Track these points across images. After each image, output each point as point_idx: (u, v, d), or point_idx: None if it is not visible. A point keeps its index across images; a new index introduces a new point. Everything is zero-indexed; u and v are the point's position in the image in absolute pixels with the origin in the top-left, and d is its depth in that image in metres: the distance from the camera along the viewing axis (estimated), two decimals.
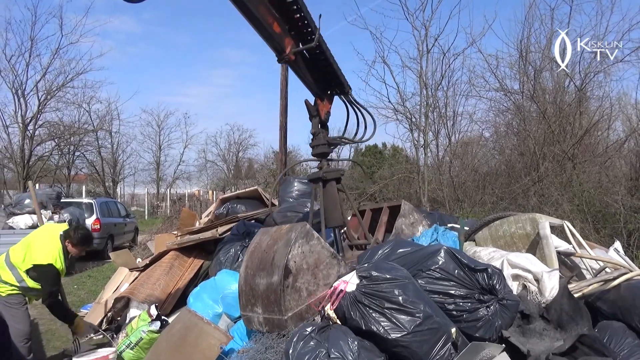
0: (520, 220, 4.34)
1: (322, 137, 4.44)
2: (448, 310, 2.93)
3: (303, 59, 4.19)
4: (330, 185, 4.45)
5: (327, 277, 3.55)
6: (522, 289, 3.36)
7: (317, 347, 2.50)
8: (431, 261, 3.06)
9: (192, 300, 4.64)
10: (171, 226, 13.76)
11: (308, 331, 2.62)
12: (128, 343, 4.48)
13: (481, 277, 2.97)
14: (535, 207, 10.43)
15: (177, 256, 6.04)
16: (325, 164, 4.51)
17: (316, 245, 3.52)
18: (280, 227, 3.79)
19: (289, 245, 3.40)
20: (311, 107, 4.45)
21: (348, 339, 2.55)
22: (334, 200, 4.46)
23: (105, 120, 26.45)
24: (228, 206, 7.15)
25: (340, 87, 4.56)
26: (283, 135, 12.08)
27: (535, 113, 12.91)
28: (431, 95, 13.95)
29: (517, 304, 2.99)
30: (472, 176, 14.04)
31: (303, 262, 3.43)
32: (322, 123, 4.48)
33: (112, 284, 6.66)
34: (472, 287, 2.97)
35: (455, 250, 3.15)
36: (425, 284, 2.98)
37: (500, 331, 2.87)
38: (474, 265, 3.01)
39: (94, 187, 27.97)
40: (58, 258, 4.21)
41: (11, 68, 18.30)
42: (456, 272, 2.99)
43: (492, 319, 2.89)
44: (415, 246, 3.53)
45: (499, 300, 2.92)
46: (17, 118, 18.59)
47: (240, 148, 38.26)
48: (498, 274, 3.00)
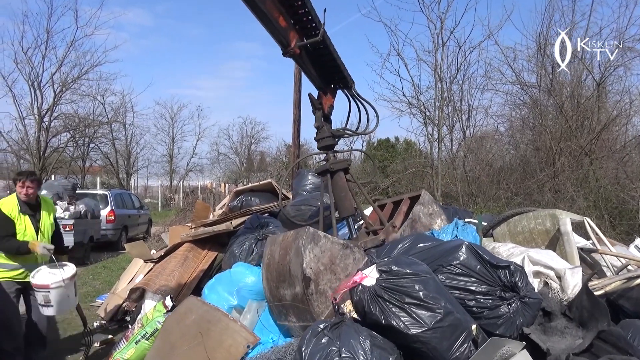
0: (539, 216, 4.27)
1: (326, 130, 4.48)
2: (468, 306, 2.88)
3: (307, 53, 4.20)
4: (338, 176, 4.47)
5: (346, 268, 3.60)
6: (544, 286, 3.31)
7: (329, 344, 2.48)
8: (452, 256, 3.02)
9: (207, 292, 4.64)
10: (184, 218, 13.85)
11: (321, 327, 2.60)
12: (144, 333, 4.50)
13: (503, 274, 2.91)
14: (550, 202, 10.32)
15: (192, 248, 6.07)
16: (332, 155, 4.53)
17: (325, 243, 3.54)
18: (286, 235, 3.82)
19: (300, 254, 3.43)
20: (315, 101, 4.49)
21: (360, 337, 2.52)
22: (344, 190, 4.48)
23: (119, 112, 26.67)
24: (242, 199, 7.15)
25: (343, 82, 4.59)
26: (296, 129, 12.06)
27: (552, 107, 12.72)
28: (446, 88, 13.82)
29: (539, 302, 2.94)
30: (486, 171, 13.90)
31: (319, 265, 3.46)
32: (325, 116, 4.52)
33: (127, 275, 6.71)
34: (494, 284, 2.92)
35: (477, 246, 3.09)
36: (445, 279, 2.93)
37: (521, 329, 2.82)
38: (495, 261, 2.95)
39: (108, 178, 28.26)
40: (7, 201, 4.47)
41: (27, 60, 18.46)
42: (477, 268, 2.94)
43: (513, 316, 2.84)
44: (435, 241, 3.49)
45: (521, 298, 2.86)
46: (33, 110, 18.78)
47: (252, 141, 38.32)
48: (520, 271, 2.94)
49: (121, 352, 4.54)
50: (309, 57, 4.23)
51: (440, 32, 13.35)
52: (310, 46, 4.07)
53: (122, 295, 6.06)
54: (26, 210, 4.50)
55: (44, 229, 4.60)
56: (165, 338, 3.86)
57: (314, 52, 4.23)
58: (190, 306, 4.00)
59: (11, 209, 4.43)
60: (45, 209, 4.69)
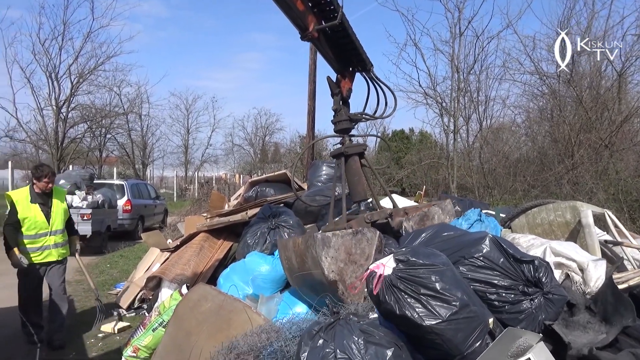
0: (559, 208, 4.20)
1: (344, 114, 4.44)
2: (490, 300, 2.83)
3: (325, 37, 4.17)
4: (353, 160, 4.44)
5: (363, 252, 3.63)
6: (565, 278, 3.25)
7: (324, 346, 2.45)
8: (475, 249, 2.97)
9: (222, 282, 4.68)
10: (200, 208, 13.95)
11: (316, 330, 2.57)
12: (161, 321, 4.55)
13: (527, 268, 2.86)
14: (568, 195, 10.17)
15: (207, 238, 6.11)
16: (347, 139, 4.50)
17: (336, 241, 3.55)
18: (295, 242, 3.85)
19: (318, 263, 3.46)
20: (333, 84, 4.46)
21: (353, 336, 2.48)
22: (357, 175, 4.45)
23: (135, 103, 26.93)
24: (257, 189, 7.16)
25: (362, 64, 4.54)
26: (311, 120, 12.03)
27: (572, 98, 12.49)
28: (463, 79, 13.66)
29: (564, 299, 2.86)
30: (502, 163, 13.74)
31: (338, 264, 3.49)
32: (343, 100, 4.48)
33: (143, 264, 6.79)
34: (517, 279, 2.86)
35: (501, 239, 3.03)
36: (467, 271, 2.89)
37: (543, 325, 2.77)
38: (520, 255, 2.90)
39: (124, 169, 28.57)
40: (16, 193, 4.97)
41: (45, 52, 18.66)
42: (501, 261, 2.88)
43: (535, 312, 2.79)
44: (458, 231, 3.45)
45: (545, 293, 2.81)
46: (51, 101, 19.02)
47: (266, 132, 38.43)
48: (545, 266, 2.88)
49: (139, 339, 4.60)
50: (327, 40, 4.20)
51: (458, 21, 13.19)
52: (328, 29, 4.03)
53: (139, 283, 6.13)
54: (36, 199, 4.91)
55: (55, 216, 5.01)
56: (179, 325, 3.89)
57: (332, 36, 4.19)
58: (203, 294, 4.02)
59: (21, 198, 4.88)
60: (57, 197, 5.11)
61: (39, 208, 4.91)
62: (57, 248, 5.07)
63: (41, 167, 5.02)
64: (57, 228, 5.05)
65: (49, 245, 5.00)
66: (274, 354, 2.85)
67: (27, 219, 4.85)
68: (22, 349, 5.02)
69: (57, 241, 5.05)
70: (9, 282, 7.85)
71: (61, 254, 5.13)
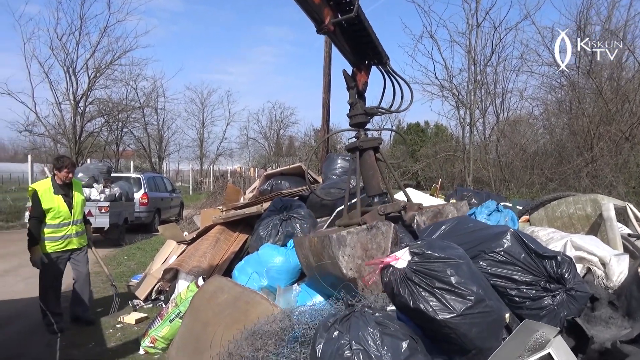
0: (580, 201, 4.11)
1: (360, 107, 4.39)
2: (510, 295, 2.78)
3: (341, 30, 4.12)
4: (368, 155, 4.40)
5: (379, 246, 3.65)
6: (586, 272, 3.19)
7: (339, 338, 2.44)
8: (496, 243, 2.92)
9: (237, 274, 4.71)
10: (215, 201, 14.05)
11: (331, 322, 2.56)
12: (177, 312, 4.60)
13: (549, 264, 2.80)
14: (587, 188, 10.01)
15: (223, 230, 6.15)
16: (363, 133, 4.46)
17: (352, 238, 3.56)
18: (311, 241, 3.86)
19: (336, 263, 3.48)
20: (348, 78, 4.41)
21: (368, 328, 2.47)
22: (372, 169, 4.42)
23: (151, 97, 27.18)
24: (272, 182, 7.18)
25: (378, 57, 4.48)
26: (326, 113, 12.00)
27: (591, 90, 12.25)
28: (480, 71, 13.49)
29: (587, 296, 2.79)
30: (519, 156, 13.57)
31: (356, 261, 3.51)
32: (359, 93, 4.44)
33: (160, 256, 6.86)
34: (538, 274, 2.80)
35: (523, 234, 2.96)
36: (487, 266, 2.84)
37: (565, 322, 2.72)
38: (542, 251, 2.84)
39: (140, 162, 28.85)
40: (42, 183, 5.21)
41: (62, 46, 18.88)
42: (522, 256, 2.83)
43: (557, 309, 2.73)
44: (479, 224, 3.39)
45: (567, 290, 2.75)
46: (68, 95, 19.27)
47: (281, 125, 38.46)
48: (568, 262, 2.81)
49: (156, 330, 4.66)
50: (343, 33, 4.16)
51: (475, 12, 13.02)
52: (344, 22, 3.99)
53: (156, 275, 6.20)
54: (59, 191, 5.19)
55: (76, 206, 5.32)
56: (195, 316, 3.93)
57: (348, 28, 4.15)
58: (219, 285, 4.05)
59: (45, 190, 5.12)
60: (76, 189, 5.42)
61: (62, 199, 5.17)
62: (78, 237, 5.37)
63: (62, 158, 5.30)
64: (77, 217, 5.34)
65: (71, 234, 5.28)
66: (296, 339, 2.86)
67: (52, 209, 5.10)
68: (42, 338, 5.12)
69: (77, 230, 5.35)
70: (26, 275, 8.03)
71: (81, 242, 5.42)
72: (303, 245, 4.02)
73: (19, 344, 4.98)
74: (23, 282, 7.54)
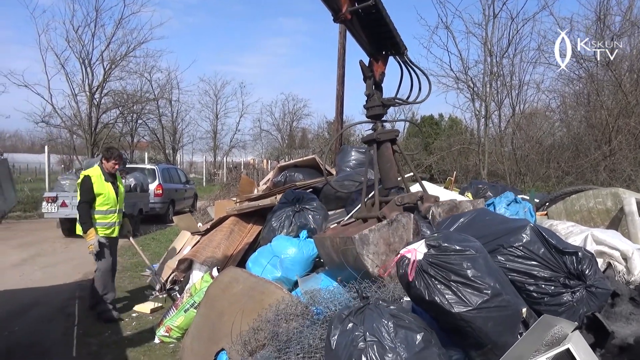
0: (600, 195, 4.03)
1: (377, 99, 4.34)
2: (528, 291, 2.74)
3: (359, 19, 4.06)
4: (385, 147, 4.36)
5: (402, 239, 3.66)
6: (607, 267, 3.13)
7: (354, 330, 2.43)
8: (514, 237, 2.87)
9: (251, 265, 4.73)
10: (228, 193, 14.12)
11: (345, 314, 2.56)
12: (192, 302, 4.64)
13: (569, 260, 2.74)
14: (605, 182, 9.86)
15: (237, 222, 6.17)
16: (380, 125, 4.41)
17: (374, 236, 3.56)
18: (333, 241, 3.87)
19: (361, 262, 3.50)
20: (365, 68, 4.35)
21: (383, 320, 2.45)
22: (389, 162, 4.39)
23: (165, 89, 27.24)
24: (286, 174, 7.18)
25: (395, 47, 4.40)
26: (339, 105, 11.96)
27: (610, 82, 12.02)
28: (496, 63, 13.30)
29: (608, 293, 2.73)
30: (535, 149, 13.39)
31: (380, 257, 3.54)
32: (376, 84, 4.37)
33: (175, 247, 6.91)
34: (558, 270, 2.74)
35: (543, 229, 2.90)
36: (505, 261, 2.80)
37: (584, 319, 2.67)
38: (562, 246, 2.78)
39: (155, 154, 29.09)
40: (92, 171, 5.38)
41: (78, 38, 19.05)
42: (541, 252, 2.78)
43: (576, 305, 2.68)
44: (498, 218, 3.33)
45: (587, 287, 2.70)
46: (84, 87, 19.45)
47: (294, 118, 38.42)
48: (589, 258, 2.75)
49: (171, 320, 4.71)
50: (360, 22, 4.09)
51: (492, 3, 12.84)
52: (361, 11, 3.94)
53: (171, 265, 6.26)
54: (108, 178, 5.42)
55: (120, 194, 5.57)
56: (210, 305, 3.96)
57: (366, 17, 4.08)
58: (235, 276, 4.07)
59: (97, 175, 5.34)
60: (119, 180, 5.69)
61: (111, 186, 5.41)
62: (118, 226, 5.57)
63: (111, 149, 5.57)
64: (121, 207, 5.60)
65: (115, 222, 5.49)
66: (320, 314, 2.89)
67: (102, 195, 5.32)
68: (59, 326, 5.21)
69: (119, 219, 5.57)
70: (43, 264, 8.17)
71: (118, 232, 5.61)
72: (324, 245, 4.05)
73: (37, 331, 5.06)
74: (40, 271, 7.67)
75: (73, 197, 10.33)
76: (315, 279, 4.16)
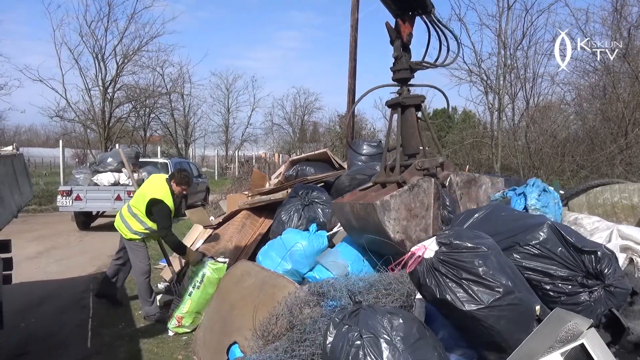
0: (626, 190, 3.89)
1: (405, 62, 4.20)
2: (544, 289, 2.69)
3: None
4: (409, 112, 4.26)
5: (422, 204, 3.71)
6: (629, 263, 3.07)
7: (349, 331, 2.43)
8: (531, 235, 2.82)
9: (261, 258, 4.74)
10: (240, 187, 14.15)
11: (339, 318, 2.55)
12: (193, 284, 4.72)
13: (588, 259, 2.68)
14: (621, 176, 9.70)
15: (249, 215, 6.19)
16: (406, 89, 4.28)
17: (395, 202, 3.55)
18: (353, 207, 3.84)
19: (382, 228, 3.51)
20: (392, 30, 4.20)
21: (377, 316, 2.45)
22: (412, 127, 4.29)
23: (177, 83, 27.37)
24: (297, 168, 7.18)
25: (422, 6, 4.21)
26: (351, 99, 11.88)
27: (627, 74, 11.79)
28: (510, 55, 13.11)
29: (627, 292, 2.66)
30: (550, 142, 13.20)
31: (401, 223, 3.57)
32: (404, 46, 4.21)
33: (187, 240, 6.95)
34: (576, 269, 2.69)
35: (561, 226, 2.85)
36: (521, 259, 2.76)
37: (601, 318, 2.61)
38: (581, 245, 2.72)
39: (167, 148, 29.27)
40: (167, 194, 4.98)
41: (91, 33, 19.18)
42: (559, 250, 2.72)
43: (594, 305, 2.64)
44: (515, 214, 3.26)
45: (606, 286, 2.65)
46: (97, 81, 19.62)
47: (305, 111, 38.34)
48: (609, 257, 2.68)
49: (179, 309, 4.76)
50: None
51: None
52: None
53: None
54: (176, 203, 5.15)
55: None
56: (223, 298, 3.99)
57: None
58: (246, 270, 4.10)
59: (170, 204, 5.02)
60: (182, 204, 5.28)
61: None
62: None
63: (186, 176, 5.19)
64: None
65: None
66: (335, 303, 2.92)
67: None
68: (74, 318, 5.28)
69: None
70: (58, 257, 8.28)
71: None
72: (344, 210, 4.03)
73: (53, 323, 5.15)
74: (56, 264, 7.78)
75: (87, 191, 10.45)
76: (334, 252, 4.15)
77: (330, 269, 3.94)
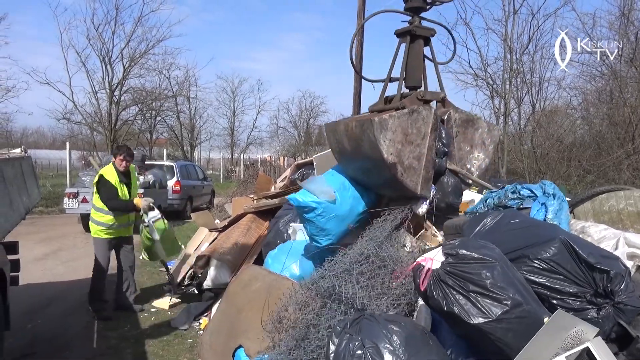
0: (632, 197, 3.83)
1: None
2: (551, 304, 2.60)
3: None
4: (418, 43, 4.18)
5: (419, 133, 3.66)
6: (636, 270, 3.03)
7: (351, 340, 2.42)
8: (542, 249, 2.73)
9: (271, 262, 4.73)
10: (245, 190, 14.14)
11: (340, 327, 2.54)
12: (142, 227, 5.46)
13: (599, 277, 2.60)
14: (628, 181, 9.65)
15: (254, 219, 6.20)
16: (418, 20, 4.19)
17: (393, 122, 3.52)
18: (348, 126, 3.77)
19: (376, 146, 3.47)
20: None
21: (379, 326, 2.44)
22: (418, 60, 4.21)
23: (183, 86, 27.47)
24: (303, 172, 7.19)
25: None
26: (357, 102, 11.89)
27: (634, 78, 11.75)
28: (516, 59, 13.10)
29: (637, 311, 2.59)
30: (556, 147, 13.15)
31: (396, 145, 3.54)
32: None
33: (193, 243, 6.98)
34: (585, 286, 2.62)
35: (574, 239, 2.76)
36: (528, 273, 2.68)
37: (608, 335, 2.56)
38: (594, 261, 2.63)
39: (173, 150, 29.37)
40: (107, 170, 5.35)
41: (99, 36, 19.30)
42: (569, 266, 2.65)
43: (602, 322, 2.56)
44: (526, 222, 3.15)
45: (615, 303, 2.57)
46: (104, 84, 19.72)
47: (311, 115, 38.42)
48: (622, 276, 2.59)
49: None
50: None
51: None
52: None
53: (189, 261, 6.32)
54: (122, 179, 5.43)
55: (133, 195, 5.63)
56: (230, 302, 3.99)
57: None
58: (254, 274, 4.11)
59: (113, 178, 5.33)
60: (133, 178, 5.71)
61: (125, 187, 5.47)
62: (132, 225, 5.69)
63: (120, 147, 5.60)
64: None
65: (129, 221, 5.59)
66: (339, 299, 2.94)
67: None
68: (80, 320, 5.31)
69: (133, 217, 5.65)
70: (65, 258, 8.32)
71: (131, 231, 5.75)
72: (337, 130, 3.95)
73: (59, 324, 5.17)
74: (62, 266, 7.82)
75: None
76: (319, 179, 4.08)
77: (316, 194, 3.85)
